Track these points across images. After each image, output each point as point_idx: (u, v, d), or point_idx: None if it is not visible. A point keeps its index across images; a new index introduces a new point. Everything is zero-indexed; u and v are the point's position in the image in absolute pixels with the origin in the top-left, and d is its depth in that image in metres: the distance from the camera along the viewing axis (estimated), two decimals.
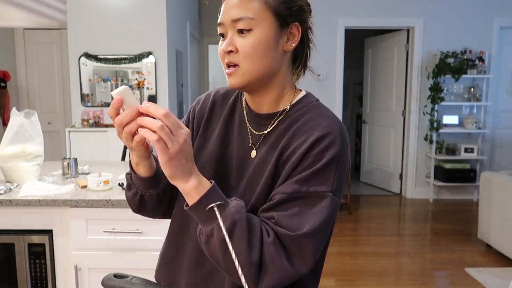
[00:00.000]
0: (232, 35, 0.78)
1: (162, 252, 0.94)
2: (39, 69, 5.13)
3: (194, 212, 0.71)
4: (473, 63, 4.64)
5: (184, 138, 0.68)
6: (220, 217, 0.69)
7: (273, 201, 0.75)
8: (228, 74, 0.80)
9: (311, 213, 0.72)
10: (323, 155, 0.75)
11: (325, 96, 4.83)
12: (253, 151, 0.84)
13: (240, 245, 0.68)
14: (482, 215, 3.37)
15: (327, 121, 0.79)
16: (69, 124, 4.31)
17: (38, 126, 1.91)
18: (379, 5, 4.77)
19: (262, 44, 0.77)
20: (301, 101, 0.84)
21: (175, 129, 0.67)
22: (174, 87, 4.40)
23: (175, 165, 0.67)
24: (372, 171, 5.67)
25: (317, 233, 0.72)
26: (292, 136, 0.79)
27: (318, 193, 0.73)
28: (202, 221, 0.71)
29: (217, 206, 0.70)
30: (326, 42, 4.78)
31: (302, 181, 0.74)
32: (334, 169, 0.75)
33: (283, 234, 0.71)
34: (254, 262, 0.69)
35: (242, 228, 0.69)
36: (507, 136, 5.05)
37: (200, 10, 5.76)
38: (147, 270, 1.66)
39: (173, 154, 0.66)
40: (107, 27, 4.03)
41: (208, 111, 0.93)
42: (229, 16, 0.77)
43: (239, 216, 0.70)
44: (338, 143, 0.76)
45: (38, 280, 1.68)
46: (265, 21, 0.77)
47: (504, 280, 2.76)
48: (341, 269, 2.98)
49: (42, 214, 1.67)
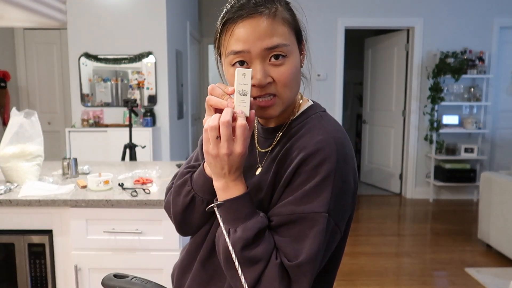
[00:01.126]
0: (264, 64, 0.73)
1: (180, 261, 0.92)
2: (39, 69, 5.13)
3: (219, 209, 0.74)
4: (473, 63, 4.64)
5: (226, 152, 0.69)
6: (221, 218, 0.74)
7: (272, 222, 0.74)
8: (265, 106, 0.76)
9: (308, 237, 0.70)
10: (316, 172, 0.71)
11: (325, 96, 4.83)
12: (259, 169, 0.83)
13: (247, 259, 0.70)
14: (482, 215, 3.37)
15: (322, 134, 0.74)
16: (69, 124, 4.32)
17: (38, 126, 1.91)
18: (379, 5, 4.77)
19: (297, 70, 0.76)
20: (305, 112, 0.82)
21: (226, 139, 0.69)
22: (174, 87, 4.40)
23: (209, 161, 0.72)
24: (372, 171, 5.67)
25: (313, 261, 0.70)
26: (289, 149, 0.77)
27: (313, 214, 0.70)
28: (225, 220, 0.73)
29: (217, 206, 0.72)
30: (326, 42, 4.78)
31: (297, 201, 0.72)
32: (330, 187, 0.71)
33: (284, 262, 0.71)
34: (255, 278, 0.70)
35: (245, 246, 0.70)
36: (507, 136, 5.04)
37: (200, 10, 5.76)
38: (147, 270, 1.66)
39: (216, 151, 0.70)
40: (107, 27, 4.03)
41: None
42: (260, 45, 0.72)
43: (251, 234, 0.71)
44: (333, 159, 0.71)
45: (38, 280, 1.68)
46: (294, 45, 0.76)
47: (504, 280, 2.76)
48: (341, 269, 2.98)
49: (42, 214, 1.67)
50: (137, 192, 1.70)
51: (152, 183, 1.88)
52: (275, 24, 0.73)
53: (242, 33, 0.72)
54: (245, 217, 0.72)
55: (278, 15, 0.74)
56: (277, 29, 0.73)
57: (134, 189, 1.74)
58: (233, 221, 0.72)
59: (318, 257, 0.71)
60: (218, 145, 0.69)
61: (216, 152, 0.70)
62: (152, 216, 1.64)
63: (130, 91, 4.12)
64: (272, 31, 0.72)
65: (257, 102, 0.75)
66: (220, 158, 0.70)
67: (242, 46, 0.72)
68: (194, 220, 0.85)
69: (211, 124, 0.69)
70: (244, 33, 0.72)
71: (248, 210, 0.72)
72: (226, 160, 0.70)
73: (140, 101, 4.10)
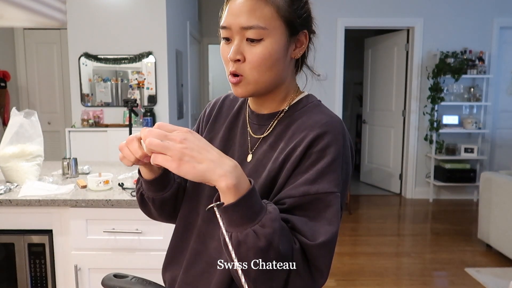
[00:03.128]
0: (240, 42, 0.74)
1: (168, 251, 0.93)
2: (39, 69, 5.13)
3: (228, 213, 0.62)
4: (473, 63, 4.64)
5: (181, 137, 0.61)
6: (221, 220, 0.63)
7: (284, 206, 0.71)
8: (233, 83, 0.77)
9: (325, 218, 0.69)
10: (325, 152, 0.72)
11: (325, 96, 4.81)
12: (249, 155, 0.82)
13: (275, 256, 0.63)
14: (482, 215, 3.36)
15: (327, 118, 0.76)
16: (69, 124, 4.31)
17: (38, 126, 1.91)
18: (379, 5, 4.77)
19: (272, 55, 0.74)
20: (301, 101, 0.83)
21: (163, 136, 0.61)
22: (174, 87, 4.40)
23: (191, 166, 0.60)
24: (372, 171, 5.67)
25: (332, 242, 0.68)
26: (292, 135, 0.77)
27: (328, 194, 0.70)
28: (234, 223, 0.62)
29: (217, 208, 0.66)
30: (326, 42, 4.78)
31: (310, 182, 0.70)
32: (339, 167, 0.72)
33: (302, 241, 0.67)
34: (284, 273, 0.65)
35: (280, 237, 0.63)
36: (507, 136, 5.04)
37: (200, 10, 5.76)
38: (147, 270, 1.66)
39: (177, 158, 0.60)
40: (107, 27, 4.03)
41: (215, 114, 0.93)
42: (238, 22, 0.72)
43: (278, 225, 0.63)
44: (340, 140, 0.73)
45: (38, 280, 1.68)
46: (276, 30, 0.74)
47: (504, 280, 2.76)
48: (341, 269, 2.98)
49: (42, 214, 1.66)
50: None
51: None
52: (259, 5, 0.72)
53: (230, 9, 0.74)
54: (261, 207, 0.64)
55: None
56: (258, 11, 0.72)
57: (134, 189, 1.74)
58: (250, 219, 0.62)
59: (336, 238, 0.69)
60: (170, 145, 0.60)
61: (177, 149, 0.60)
62: None
63: (130, 91, 4.12)
64: (251, 11, 0.72)
65: (229, 77, 0.77)
66: (188, 148, 0.61)
67: (226, 21, 0.74)
68: (154, 213, 0.90)
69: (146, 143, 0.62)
70: (231, 9, 0.74)
71: (260, 201, 0.65)
72: (193, 145, 0.61)
73: (140, 101, 4.10)
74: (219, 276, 0.77)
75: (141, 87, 4.11)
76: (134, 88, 4.11)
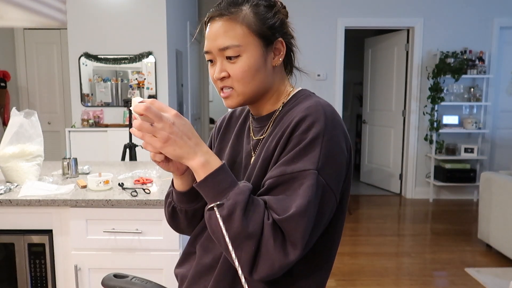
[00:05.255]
0: (221, 61, 0.82)
1: (184, 250, 0.99)
2: (39, 69, 5.13)
3: (201, 189, 0.74)
4: (473, 63, 4.64)
5: (170, 122, 0.70)
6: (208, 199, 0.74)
7: (264, 187, 0.77)
8: (224, 97, 0.85)
9: (297, 194, 0.72)
10: (306, 134, 0.75)
11: (325, 96, 4.79)
12: (253, 158, 0.88)
13: (237, 226, 0.70)
14: (482, 215, 3.36)
15: (311, 103, 0.80)
16: (69, 124, 4.31)
17: (38, 126, 1.91)
18: (379, 5, 4.77)
19: (251, 68, 0.81)
20: (293, 97, 0.88)
21: (158, 118, 0.70)
22: (174, 87, 4.40)
23: (172, 149, 0.71)
24: (372, 171, 5.67)
25: (303, 215, 0.70)
26: (282, 125, 0.82)
27: (302, 172, 0.73)
28: (208, 198, 0.74)
29: (217, 206, 0.72)
30: (326, 42, 4.78)
31: (287, 162, 0.75)
32: (318, 147, 0.74)
33: (274, 217, 0.72)
34: (252, 244, 0.70)
35: (244, 209, 0.70)
36: (507, 136, 5.04)
37: (200, 10, 5.76)
38: (147, 270, 1.66)
39: (163, 141, 0.70)
40: (107, 27, 4.03)
41: (224, 126, 1.01)
42: (216, 45, 0.81)
43: (243, 197, 0.71)
44: (321, 121, 0.76)
45: (38, 280, 1.68)
46: (251, 45, 0.81)
47: (504, 280, 2.76)
48: (341, 269, 2.98)
49: (42, 214, 1.67)
50: (137, 192, 1.70)
51: (152, 183, 1.88)
52: (231, 26, 0.80)
53: (207, 34, 0.83)
54: (231, 184, 0.74)
55: (238, 19, 0.80)
56: (231, 31, 0.80)
57: (134, 189, 1.74)
58: (221, 193, 0.72)
59: (309, 211, 0.71)
60: (158, 129, 0.70)
61: (165, 131, 0.70)
62: (152, 216, 1.64)
63: (130, 91, 4.12)
64: (225, 33, 0.80)
65: (220, 93, 0.85)
66: (173, 132, 0.71)
67: (206, 47, 0.83)
68: (182, 225, 0.95)
69: (137, 124, 0.71)
70: (208, 34, 0.83)
71: (231, 178, 0.75)
72: (178, 131, 0.71)
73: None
74: (220, 272, 0.83)
75: (141, 87, 4.11)
76: (134, 88, 4.11)
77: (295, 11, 4.72)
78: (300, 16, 4.71)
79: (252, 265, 0.71)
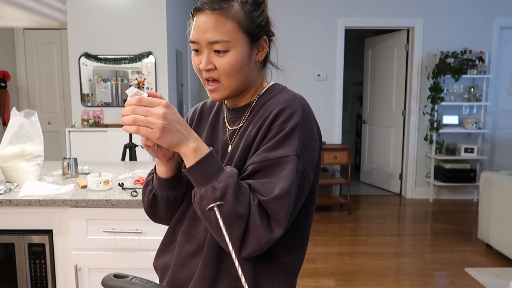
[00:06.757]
0: (209, 53, 0.84)
1: (162, 241, 1.01)
2: (39, 69, 5.13)
3: (192, 173, 0.78)
4: (473, 63, 4.64)
5: (162, 112, 0.73)
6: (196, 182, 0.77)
7: (247, 172, 0.82)
8: (210, 90, 0.88)
9: (279, 177, 0.78)
10: (285, 124, 0.81)
11: (325, 96, 4.83)
12: (229, 146, 0.92)
13: (229, 207, 0.74)
14: (482, 215, 3.36)
15: (288, 96, 0.86)
16: (69, 124, 4.32)
17: (38, 126, 1.91)
18: (379, 5, 4.77)
19: (238, 63, 0.84)
20: (268, 90, 0.93)
21: (149, 111, 0.73)
22: (174, 87, 4.40)
23: (169, 137, 0.75)
24: (372, 171, 5.67)
25: (286, 196, 0.77)
26: (261, 116, 0.87)
27: (284, 158, 0.79)
28: (198, 182, 0.78)
29: (217, 206, 0.72)
30: (326, 42, 4.78)
31: (269, 149, 0.81)
32: (297, 136, 0.81)
33: (259, 198, 0.77)
34: (242, 223, 0.75)
35: (234, 191, 0.75)
36: (507, 136, 5.04)
37: None
38: (147, 270, 1.65)
39: (159, 131, 0.73)
40: (107, 27, 4.03)
41: (196, 118, 1.04)
42: (205, 37, 0.83)
43: (233, 180, 0.76)
44: (299, 113, 0.82)
45: (38, 280, 1.68)
46: (239, 42, 0.84)
47: (504, 280, 2.76)
48: (341, 269, 2.98)
49: (42, 214, 1.67)
50: (137, 192, 1.70)
51: None
52: (222, 22, 0.82)
53: (196, 25, 0.84)
54: (220, 168, 0.78)
55: (229, 14, 0.82)
56: (221, 26, 0.82)
57: (134, 189, 1.74)
58: (211, 176, 0.77)
59: (291, 193, 0.78)
60: (152, 119, 0.73)
61: (160, 121, 0.73)
62: None
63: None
64: (216, 27, 0.82)
65: (206, 86, 0.88)
66: (167, 121, 0.74)
67: (194, 36, 0.85)
68: (161, 213, 0.97)
69: (130, 119, 0.73)
70: (197, 25, 0.84)
71: (219, 163, 0.80)
72: (172, 118, 0.75)
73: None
74: (207, 254, 0.86)
75: (141, 87, 4.11)
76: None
77: (295, 11, 4.72)
78: (300, 16, 4.71)
79: (242, 242, 0.77)
